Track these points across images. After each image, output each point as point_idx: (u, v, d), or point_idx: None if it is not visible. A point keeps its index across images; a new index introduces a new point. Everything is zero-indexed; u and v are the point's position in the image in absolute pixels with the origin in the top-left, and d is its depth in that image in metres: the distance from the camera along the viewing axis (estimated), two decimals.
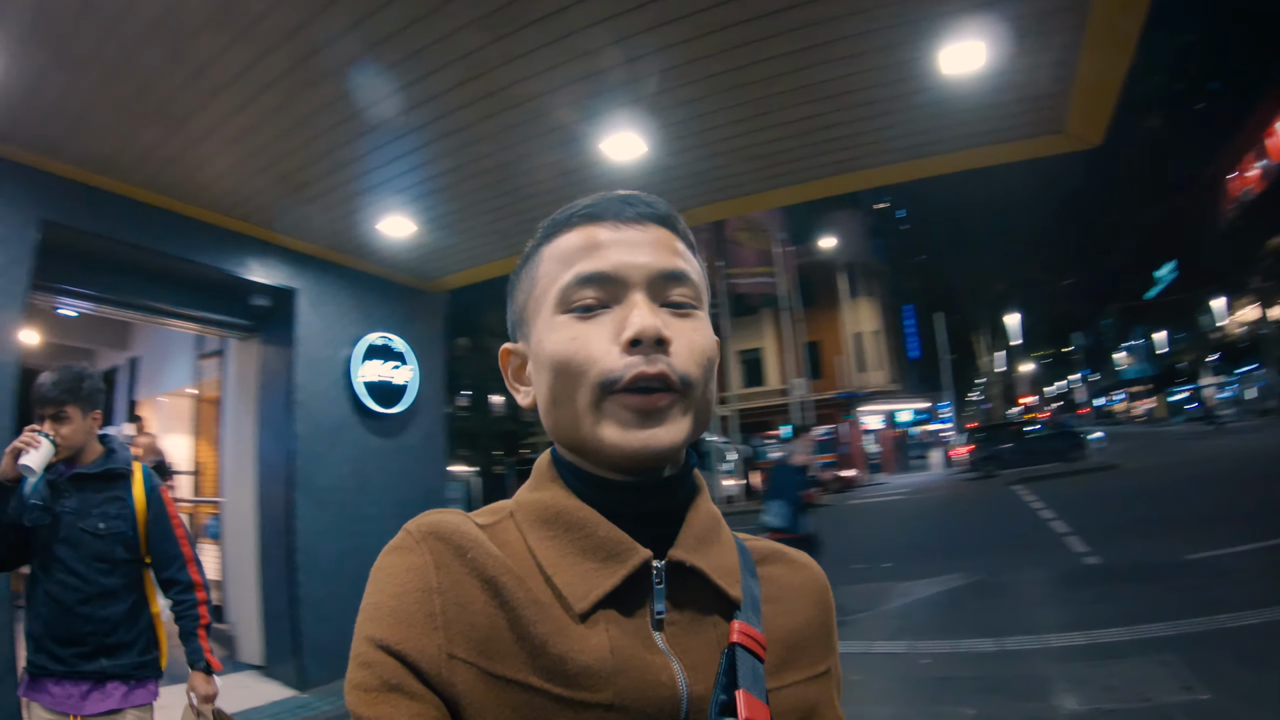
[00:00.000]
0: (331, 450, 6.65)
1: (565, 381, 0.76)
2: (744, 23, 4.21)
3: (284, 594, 6.30)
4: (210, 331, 7.27)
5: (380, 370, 7.20)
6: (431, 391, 7.84)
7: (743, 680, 0.72)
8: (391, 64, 4.24)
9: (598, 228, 0.81)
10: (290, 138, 4.92)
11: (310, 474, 6.42)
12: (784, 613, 0.84)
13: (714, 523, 0.83)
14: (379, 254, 6.94)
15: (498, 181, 5.75)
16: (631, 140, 5.31)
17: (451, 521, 0.77)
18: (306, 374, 6.55)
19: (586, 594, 0.73)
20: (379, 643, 0.69)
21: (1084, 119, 5.58)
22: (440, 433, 8.02)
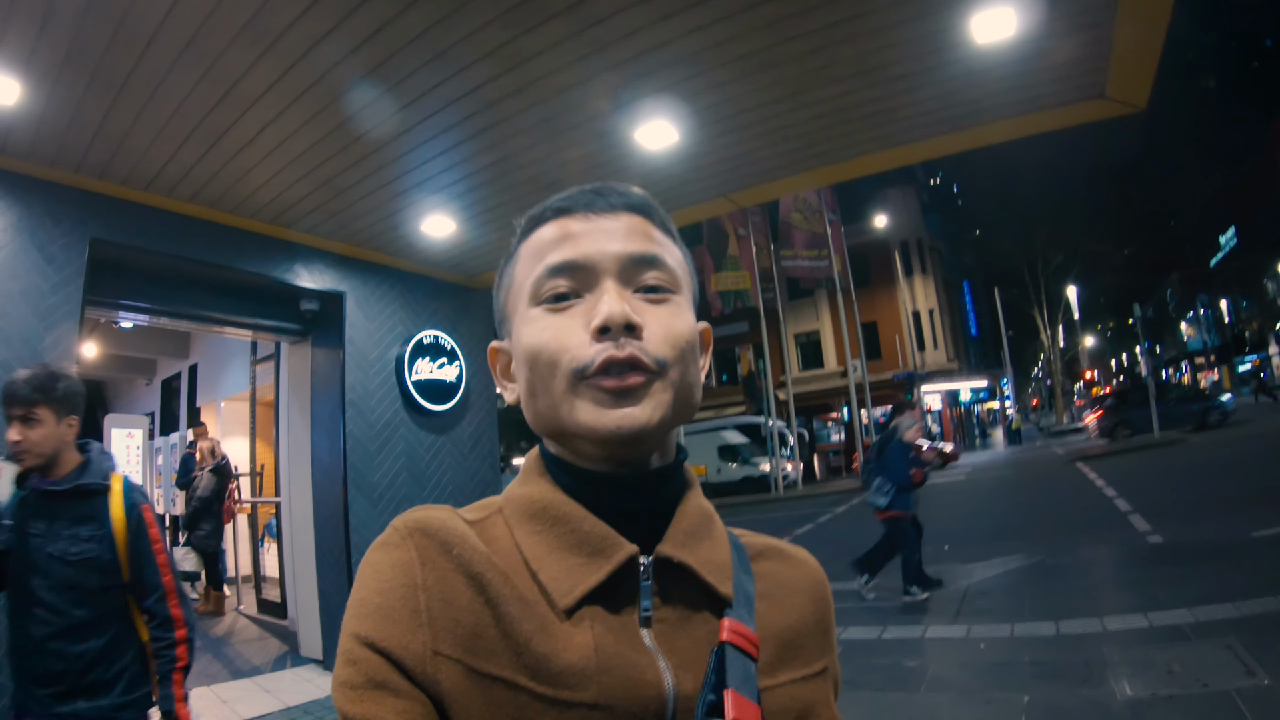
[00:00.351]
0: (384, 448, 6.78)
1: (540, 373, 0.77)
2: (756, 6, 4.17)
3: (341, 590, 6.43)
4: (263, 337, 7.47)
5: (430, 368, 7.30)
6: (481, 386, 7.94)
7: (732, 679, 0.71)
8: (417, 67, 4.28)
9: (570, 220, 0.82)
10: (326, 145, 5.01)
11: (364, 472, 6.57)
12: (779, 610, 0.83)
13: (705, 518, 0.83)
14: (423, 253, 7.04)
15: (534, 176, 5.79)
16: (664, 128, 5.30)
17: (438, 518, 0.77)
18: (357, 374, 6.69)
19: (570, 590, 0.73)
20: (364, 640, 0.69)
21: (1124, 83, 5.43)
22: (492, 427, 8.11)
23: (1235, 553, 7.35)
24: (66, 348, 4.88)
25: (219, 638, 8.17)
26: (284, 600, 8.04)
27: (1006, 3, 4.42)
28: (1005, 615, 6.75)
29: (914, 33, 4.66)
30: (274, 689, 6.27)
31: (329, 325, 6.81)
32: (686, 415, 0.79)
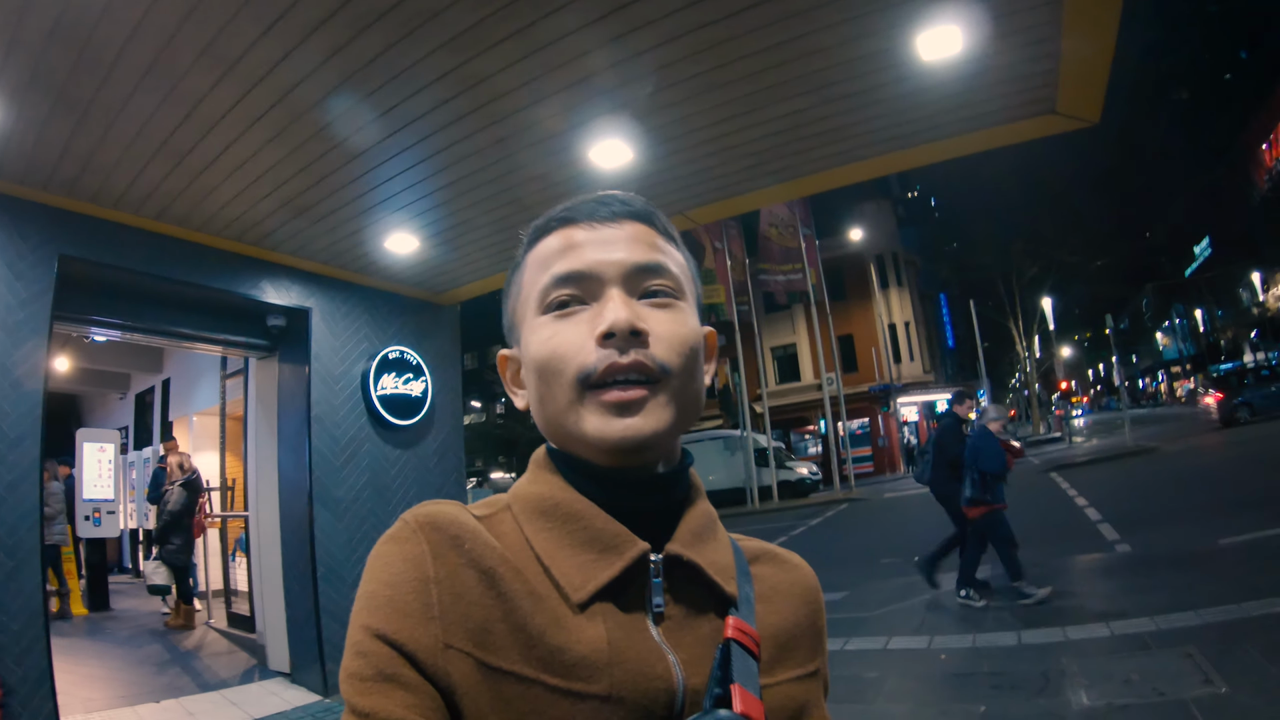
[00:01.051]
0: (349, 463, 6.85)
1: (547, 380, 0.79)
2: (716, 22, 4.25)
3: (307, 603, 6.48)
4: (232, 352, 7.52)
5: (395, 383, 7.37)
6: (447, 402, 8.03)
7: (737, 675, 0.72)
8: (374, 89, 4.37)
9: (574, 229, 0.83)
10: (288, 165, 5.10)
11: (329, 487, 6.63)
12: (774, 611, 0.85)
13: (710, 521, 0.85)
14: (387, 270, 7.12)
15: (494, 195, 5.87)
16: (618, 147, 5.39)
17: (448, 512, 0.77)
18: (322, 390, 6.76)
19: (584, 585, 0.74)
20: (375, 632, 0.69)
21: (1075, 98, 5.53)
22: (457, 441, 8.18)
23: (1202, 561, 7.42)
24: (35, 363, 4.95)
25: (188, 651, 8.15)
26: (252, 614, 8.05)
27: (952, 21, 4.52)
28: (967, 626, 6.80)
29: (861, 51, 4.76)
30: (240, 702, 6.29)
31: (295, 341, 6.88)
32: (690, 422, 0.82)
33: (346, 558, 6.60)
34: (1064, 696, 4.78)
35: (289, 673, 6.78)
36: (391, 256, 6.75)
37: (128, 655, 7.78)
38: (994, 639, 6.26)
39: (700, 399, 0.83)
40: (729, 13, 4.20)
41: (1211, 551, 7.69)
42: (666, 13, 4.11)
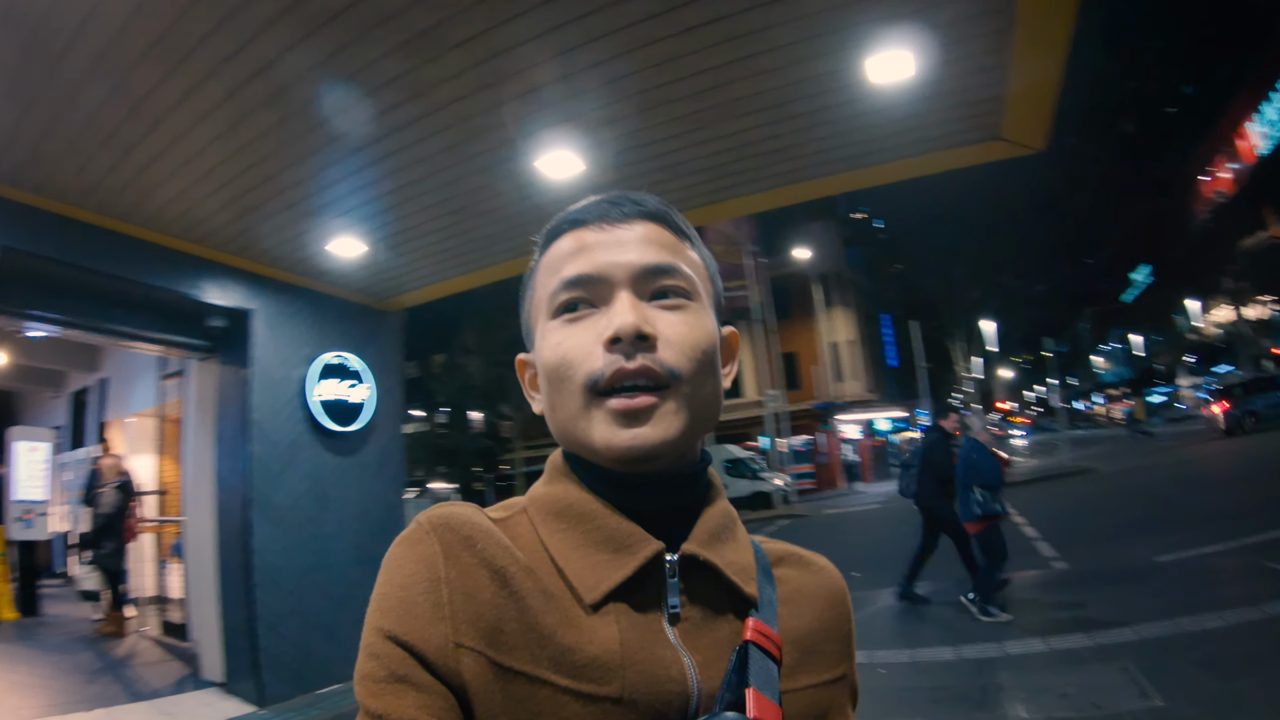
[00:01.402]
0: (288, 469, 6.72)
1: (557, 385, 0.78)
2: (669, 38, 4.30)
3: (243, 612, 6.35)
4: (171, 353, 7.35)
5: (336, 389, 7.26)
6: (388, 409, 7.91)
7: (754, 679, 0.71)
8: (324, 90, 4.35)
9: (585, 231, 0.81)
10: (234, 163, 5.03)
11: (267, 493, 6.49)
12: (799, 615, 0.83)
13: (729, 521, 0.83)
14: (332, 274, 7.04)
15: (442, 201, 5.86)
16: (567, 158, 5.40)
17: (462, 513, 0.77)
18: (262, 394, 6.63)
19: (597, 585, 0.73)
20: (387, 633, 0.69)
21: (1021, 124, 5.65)
22: (398, 450, 8.09)
23: (1137, 578, 7.55)
24: None
25: (120, 659, 7.91)
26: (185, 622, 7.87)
27: (903, 45, 4.60)
28: (905, 641, 6.84)
29: (811, 72, 4.83)
30: (174, 712, 6.12)
31: (236, 343, 6.74)
32: (705, 427, 0.80)
33: (284, 565, 6.47)
34: (1002, 710, 4.83)
35: (224, 683, 6.63)
36: (336, 260, 6.68)
37: (58, 662, 7.53)
38: (932, 654, 6.31)
39: (716, 403, 0.81)
40: (682, 29, 4.24)
41: (1147, 569, 7.83)
42: (620, 26, 4.14)
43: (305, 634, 6.49)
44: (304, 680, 6.43)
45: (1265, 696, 4.34)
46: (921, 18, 4.40)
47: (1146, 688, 4.70)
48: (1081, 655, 5.57)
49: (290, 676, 6.31)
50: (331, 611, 6.69)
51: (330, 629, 6.63)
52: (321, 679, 6.53)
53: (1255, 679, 4.62)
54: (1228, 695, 4.45)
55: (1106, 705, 4.56)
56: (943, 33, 4.55)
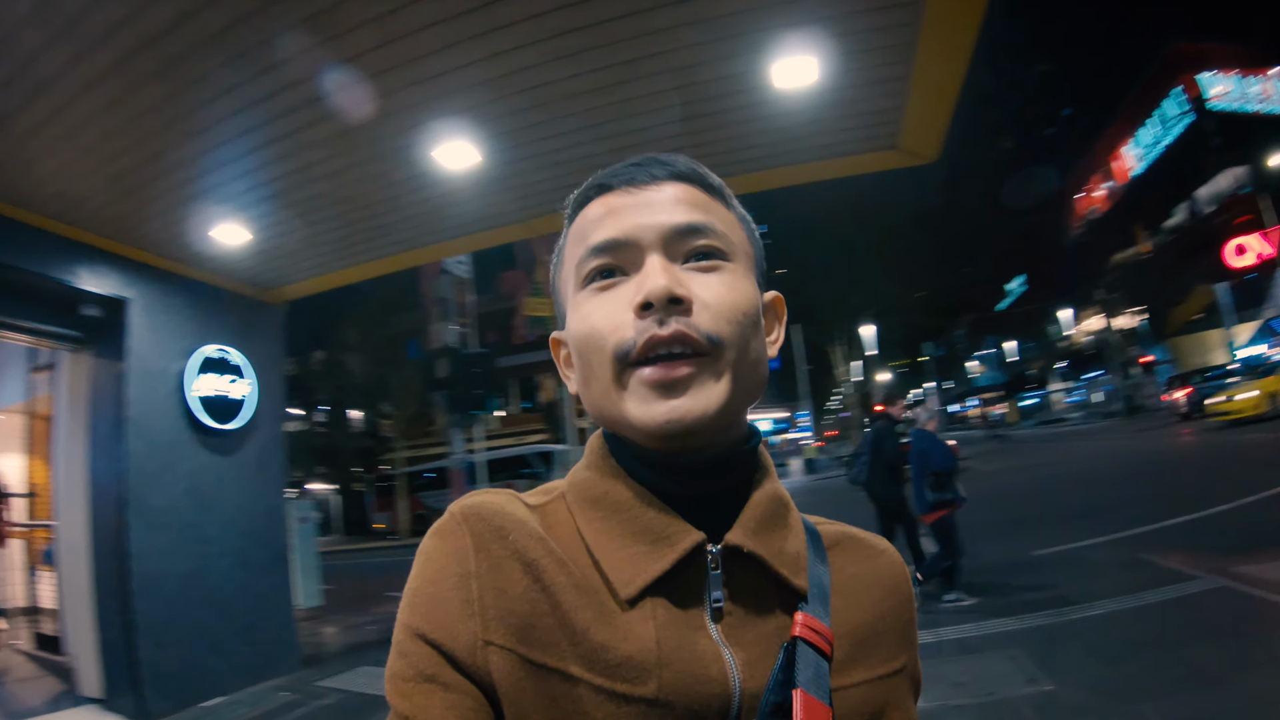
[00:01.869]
0: (167, 469, 6.34)
1: (588, 359, 0.74)
2: (575, 31, 4.25)
3: (121, 622, 5.95)
4: (41, 343, 6.84)
5: (216, 384, 6.90)
6: (270, 406, 7.58)
7: (801, 678, 0.67)
8: (217, 65, 4.11)
9: (611, 196, 0.78)
10: (119, 139, 4.69)
11: (144, 495, 6.10)
12: (855, 604, 0.78)
13: (779, 505, 0.78)
14: (215, 261, 6.68)
15: (333, 189, 5.64)
16: (465, 149, 5.28)
17: (496, 502, 0.74)
18: (140, 388, 6.23)
19: (633, 579, 0.69)
20: (415, 631, 0.68)
21: (917, 136, 5.83)
22: (279, 448, 7.75)
23: (1018, 571, 7.87)
24: None
25: None
26: (60, 635, 7.40)
27: (809, 51, 4.68)
28: None
29: (717, 73, 4.86)
30: None
31: (111, 334, 6.31)
32: (751, 397, 0.75)
33: (163, 572, 6.09)
34: None
35: (103, 699, 6.19)
36: (220, 247, 6.33)
37: None
38: None
39: (761, 371, 0.77)
40: (591, 23, 4.20)
41: (1027, 563, 8.19)
42: (528, 15, 4.07)
43: (188, 644, 6.15)
44: (188, 693, 6.08)
45: (1149, 679, 4.59)
46: (829, 26, 4.49)
47: (1036, 674, 4.90)
48: (971, 644, 5.77)
49: (174, 690, 5.95)
50: (214, 619, 6.38)
51: (214, 638, 6.32)
52: (206, 691, 6.20)
53: (1138, 663, 4.88)
54: (1113, 678, 4.70)
55: (999, 691, 4.72)
56: (848, 41, 4.66)
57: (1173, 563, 7.02)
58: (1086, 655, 5.13)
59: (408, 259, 7.40)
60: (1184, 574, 6.57)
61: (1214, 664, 4.61)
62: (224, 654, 6.36)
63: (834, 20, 4.46)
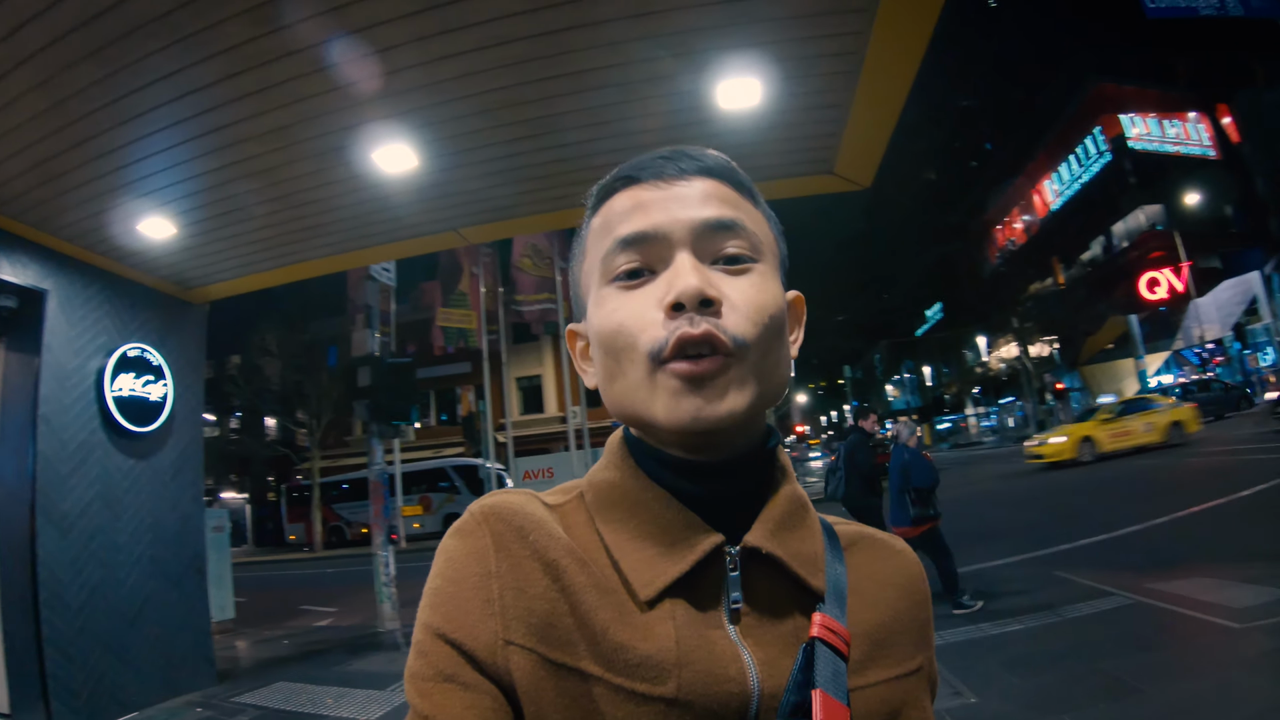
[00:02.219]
0: (78, 471, 6.03)
1: (615, 356, 0.73)
2: (521, 40, 4.23)
3: (27, 633, 5.60)
4: None
5: (133, 385, 6.62)
6: (188, 410, 7.31)
7: (820, 679, 0.67)
8: (155, 49, 3.94)
9: (640, 189, 0.76)
10: (45, 121, 4.47)
11: (54, 498, 5.79)
12: (871, 604, 0.78)
13: (797, 506, 0.78)
14: (138, 256, 6.41)
15: (265, 186, 5.48)
16: (403, 152, 5.20)
17: (515, 502, 0.74)
18: (53, 385, 5.93)
19: (652, 580, 0.69)
20: (435, 630, 0.68)
21: (853, 162, 5.96)
22: (196, 454, 7.46)
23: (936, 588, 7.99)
24: None
25: None
26: None
27: (754, 74, 4.75)
28: None
29: (663, 90, 4.91)
30: None
31: (26, 327, 5.98)
32: (773, 399, 0.75)
33: (72, 580, 5.79)
34: None
35: (8, 713, 5.84)
36: (145, 242, 6.09)
37: None
38: None
39: (785, 372, 0.76)
40: (541, 32, 4.19)
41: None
42: (481, 20, 4.04)
43: (96, 657, 5.84)
44: (97, 709, 5.76)
45: (1069, 690, 4.76)
46: (775, 50, 4.56)
47: (959, 687, 5.01)
48: None
49: (83, 705, 5.64)
50: (124, 631, 6.09)
51: (125, 650, 6.04)
52: (116, 707, 5.90)
53: (1058, 674, 5.08)
54: (1034, 691, 4.86)
55: None
56: (793, 66, 4.74)
57: (1087, 580, 7.28)
58: (1008, 668, 5.27)
59: (337, 263, 7.25)
60: (1099, 590, 6.83)
61: (1131, 675, 4.79)
62: (136, 667, 6.09)
63: (781, 45, 4.53)
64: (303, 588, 16.70)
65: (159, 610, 6.49)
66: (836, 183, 6.25)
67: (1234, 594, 6.06)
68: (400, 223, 6.37)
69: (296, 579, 18.59)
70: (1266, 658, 4.81)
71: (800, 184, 6.31)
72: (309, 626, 11.04)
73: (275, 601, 14.47)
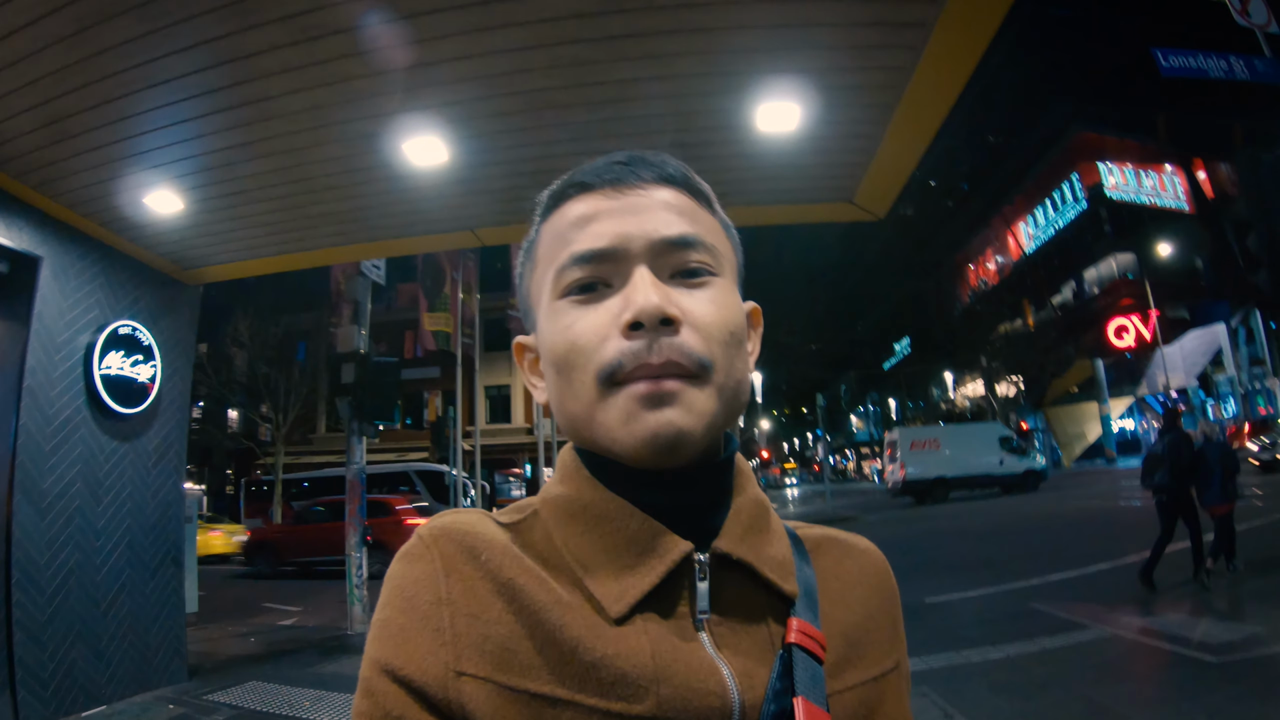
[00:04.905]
0: (60, 449, 5.77)
1: (566, 375, 0.70)
2: (573, 43, 4.16)
3: None
4: None
5: (122, 363, 6.37)
6: (175, 393, 7.07)
7: (800, 686, 0.64)
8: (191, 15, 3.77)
9: (595, 197, 0.73)
10: (66, 77, 4.23)
11: (34, 475, 5.53)
12: (842, 605, 0.76)
13: (761, 511, 0.75)
14: (140, 230, 6.17)
15: (287, 168, 5.31)
16: (434, 145, 5.07)
17: (466, 522, 0.70)
18: (40, 356, 5.67)
19: (622, 595, 0.66)
20: (382, 666, 0.63)
21: (873, 194, 5.98)
22: (181, 439, 7.21)
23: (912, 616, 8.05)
24: None
25: None
26: None
27: (794, 99, 4.73)
28: None
29: (706, 106, 4.85)
30: None
31: (17, 294, 5.71)
32: (736, 414, 0.73)
33: (48, 563, 5.53)
34: None
35: None
36: (148, 215, 5.85)
37: None
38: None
39: (745, 385, 0.73)
40: (595, 37, 4.13)
41: (920, 608, 8.44)
42: (534, 19, 3.95)
43: (67, 645, 5.58)
44: (64, 699, 5.50)
45: (1056, 715, 4.95)
46: (820, 78, 4.56)
47: (949, 709, 5.08)
48: None
49: (51, 695, 5.38)
50: (96, 619, 5.84)
51: (94, 640, 5.79)
52: (83, 699, 5.64)
53: (1044, 700, 5.23)
54: (1024, 714, 4.98)
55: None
56: (834, 95, 4.74)
57: (1062, 612, 7.49)
58: (995, 693, 5.38)
59: (342, 254, 7.09)
60: (1075, 623, 7.04)
61: (1115, 702, 4.96)
62: (107, 658, 5.85)
63: (824, 73, 4.53)
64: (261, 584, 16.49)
65: (134, 599, 6.24)
66: (853, 212, 6.25)
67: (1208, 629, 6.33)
68: (417, 218, 6.23)
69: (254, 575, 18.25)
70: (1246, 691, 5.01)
71: (818, 210, 6.31)
72: (274, 625, 10.82)
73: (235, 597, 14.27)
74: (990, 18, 4.12)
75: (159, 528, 6.69)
